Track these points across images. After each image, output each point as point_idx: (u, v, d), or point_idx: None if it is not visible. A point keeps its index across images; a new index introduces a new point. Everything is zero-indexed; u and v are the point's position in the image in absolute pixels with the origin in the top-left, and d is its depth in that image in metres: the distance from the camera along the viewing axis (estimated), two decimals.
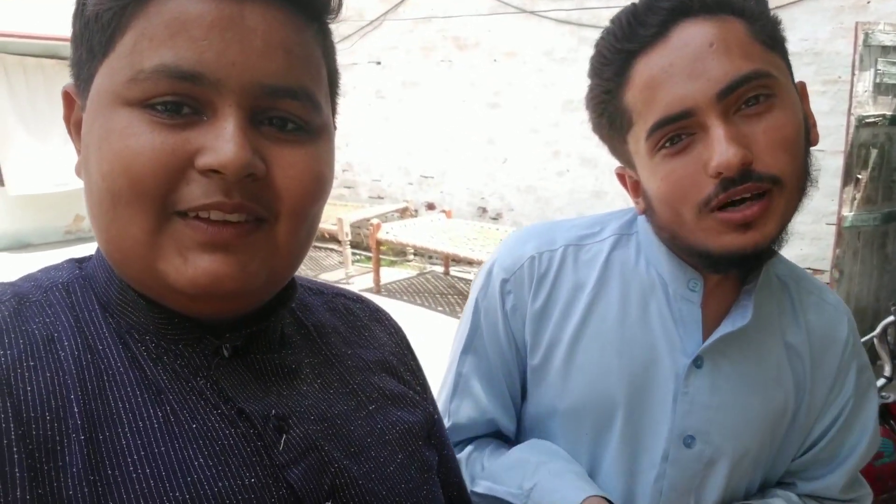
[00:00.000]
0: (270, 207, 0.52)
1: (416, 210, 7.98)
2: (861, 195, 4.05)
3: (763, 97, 0.76)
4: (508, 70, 7.10)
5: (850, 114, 3.85)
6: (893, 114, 4.20)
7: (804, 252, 5.32)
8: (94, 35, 0.51)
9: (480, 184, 7.55)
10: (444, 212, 7.56)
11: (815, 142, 0.84)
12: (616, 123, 0.85)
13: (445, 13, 7.29)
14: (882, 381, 2.14)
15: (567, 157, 6.80)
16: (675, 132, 0.78)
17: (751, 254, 0.79)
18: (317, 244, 8.26)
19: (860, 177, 3.95)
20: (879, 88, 4.02)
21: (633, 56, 0.80)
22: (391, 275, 7.15)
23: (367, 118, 7.92)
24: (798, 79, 0.85)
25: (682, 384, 0.89)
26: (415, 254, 7.77)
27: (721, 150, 0.74)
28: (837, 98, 5.19)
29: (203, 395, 0.54)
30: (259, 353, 0.59)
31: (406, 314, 5.79)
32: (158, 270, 0.50)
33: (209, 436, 0.52)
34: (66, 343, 0.52)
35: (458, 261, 6.88)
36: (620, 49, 0.81)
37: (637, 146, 0.83)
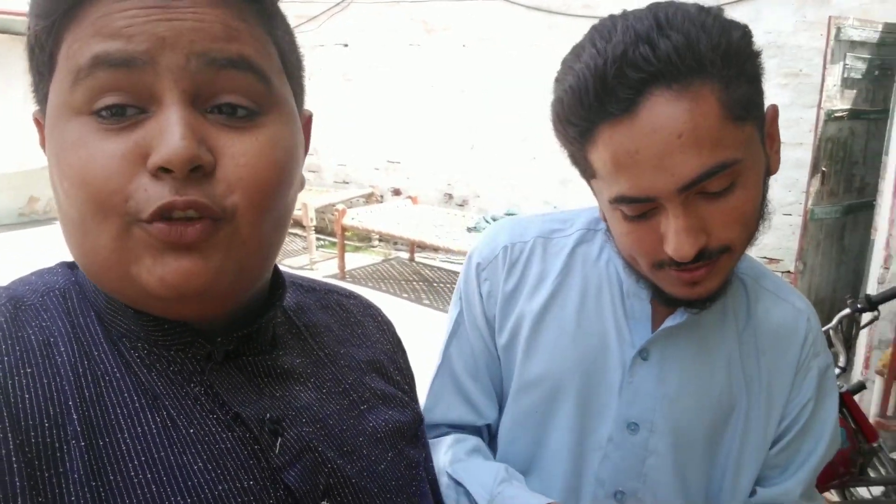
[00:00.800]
0: (223, 204, 0.50)
1: (382, 196, 7.91)
2: (825, 188, 4.13)
3: (726, 183, 0.77)
4: (478, 55, 7.05)
5: (820, 108, 3.91)
6: (857, 108, 4.29)
7: (760, 241, 5.39)
8: (39, 56, 0.52)
9: (447, 170, 7.52)
10: (411, 198, 7.51)
11: (775, 170, 0.86)
12: (580, 166, 0.87)
13: None
14: (836, 371, 2.19)
15: (535, 144, 6.79)
16: (636, 210, 0.80)
17: (696, 302, 0.87)
18: None
19: (825, 170, 4.02)
20: (846, 83, 4.09)
21: (598, 124, 0.77)
22: (356, 261, 7.09)
23: (334, 101, 7.79)
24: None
25: (628, 374, 0.95)
26: (380, 240, 7.72)
27: (678, 243, 0.76)
28: (798, 91, 5.28)
29: (198, 401, 0.54)
30: (251, 356, 0.59)
31: (372, 301, 5.74)
32: (132, 275, 0.50)
33: (206, 440, 0.52)
34: (63, 349, 0.52)
35: (424, 247, 6.86)
36: (586, 117, 0.78)
37: (601, 195, 0.86)
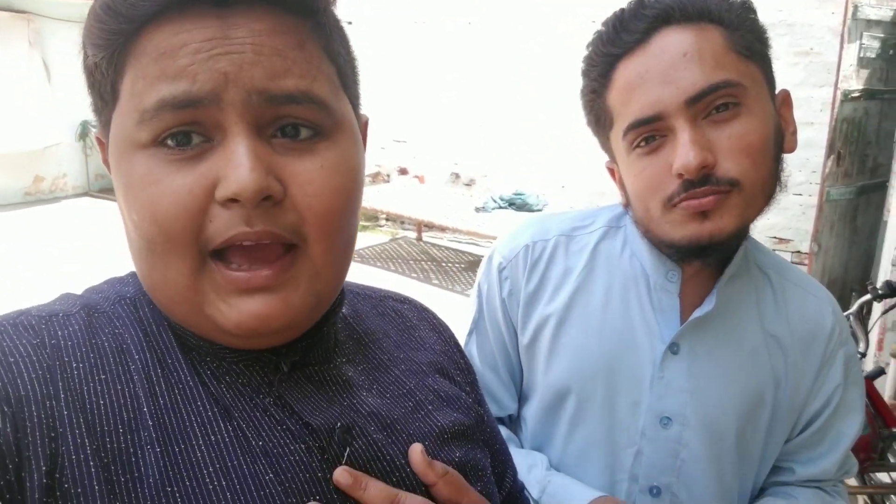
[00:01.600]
0: (297, 231, 0.51)
1: (389, 175, 7.88)
2: (840, 169, 4.08)
3: (731, 105, 0.82)
4: (484, 33, 6.97)
5: (837, 88, 3.85)
6: (872, 88, 4.22)
7: (770, 221, 5.37)
8: (100, 84, 0.52)
9: (454, 149, 7.47)
10: (417, 177, 7.48)
11: (792, 149, 0.90)
12: (601, 121, 0.93)
13: None
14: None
15: (544, 124, 6.74)
16: (648, 133, 0.85)
17: (707, 243, 0.85)
18: None
19: (840, 151, 3.97)
20: (862, 63, 4.02)
21: (617, 60, 0.87)
22: (364, 240, 7.08)
23: None
24: (772, 50, 0.90)
25: (658, 369, 0.96)
26: (387, 219, 7.70)
27: (683, 154, 0.80)
28: (809, 70, 5.21)
29: (268, 412, 0.54)
30: (317, 365, 0.60)
31: (379, 281, 5.75)
32: (206, 314, 0.51)
33: (275, 452, 0.53)
34: (137, 356, 0.53)
35: (432, 227, 6.84)
36: (605, 53, 0.88)
37: (617, 144, 0.91)
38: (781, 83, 0.92)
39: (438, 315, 0.79)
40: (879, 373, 2.32)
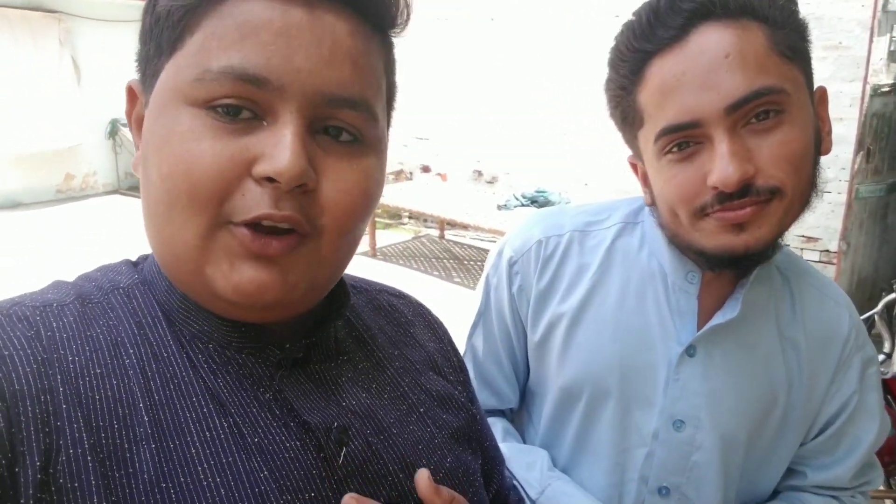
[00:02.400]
0: (316, 222, 0.52)
1: (411, 173, 7.90)
2: (870, 166, 4.01)
3: (773, 113, 0.77)
4: (507, 29, 6.95)
5: (866, 82, 3.79)
6: None
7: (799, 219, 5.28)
8: (164, 31, 0.51)
9: (477, 147, 7.46)
10: (440, 175, 7.48)
11: (828, 151, 0.86)
12: (629, 119, 0.87)
13: None
14: (882, 357, 2.14)
15: (566, 121, 6.71)
16: (683, 139, 0.80)
17: (742, 255, 0.81)
18: None
19: (870, 147, 3.90)
20: (892, 56, 3.95)
21: (650, 56, 0.80)
22: (386, 238, 7.11)
23: None
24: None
25: (674, 371, 0.94)
26: (410, 217, 7.72)
27: (722, 167, 0.76)
28: (838, 64, 5.11)
29: (266, 407, 0.55)
30: (318, 363, 0.60)
31: (402, 279, 5.76)
32: (206, 275, 0.51)
33: (271, 449, 0.53)
34: (131, 350, 0.53)
35: (454, 225, 6.85)
36: (638, 48, 0.81)
37: (647, 145, 0.85)
38: (819, 85, 0.88)
39: (442, 312, 0.79)
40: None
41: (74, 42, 8.39)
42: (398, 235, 7.35)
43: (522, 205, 6.48)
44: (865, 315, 2.22)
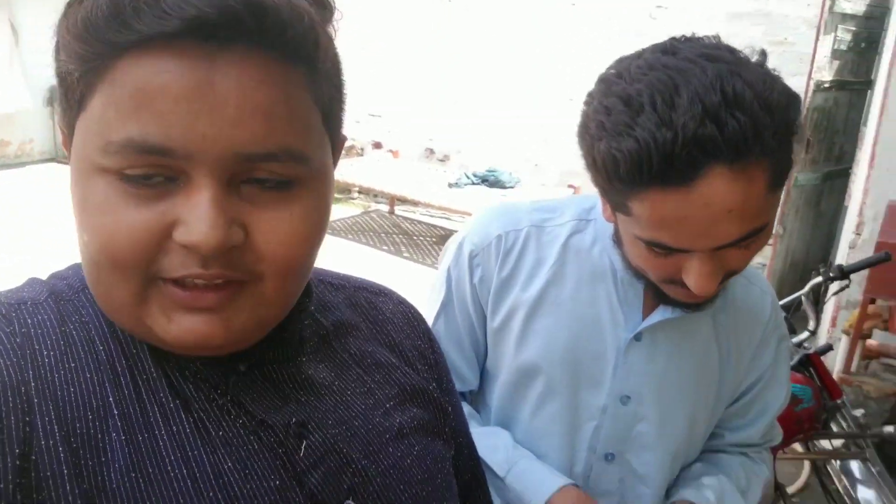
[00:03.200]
0: (252, 270, 0.51)
1: (363, 149, 7.85)
2: (808, 157, 4.18)
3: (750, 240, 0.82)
4: (461, 7, 6.94)
5: (810, 78, 3.94)
6: (843, 79, 4.31)
7: None
8: (69, 91, 0.50)
9: (429, 125, 7.46)
10: (391, 151, 7.46)
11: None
12: (612, 201, 0.87)
13: None
14: (806, 334, 2.29)
15: (518, 101, 6.76)
16: (668, 253, 0.85)
17: (693, 306, 0.95)
18: None
19: (810, 139, 4.07)
20: (835, 54, 4.11)
21: (650, 186, 0.77)
22: (336, 213, 7.05)
23: None
24: (746, 40, 0.88)
25: (623, 355, 1.04)
26: (360, 192, 7.68)
27: (702, 285, 0.83)
28: (783, 59, 5.29)
29: (224, 408, 0.56)
30: (276, 363, 0.60)
31: (351, 253, 5.76)
32: (147, 325, 0.51)
33: (234, 443, 0.55)
34: (101, 347, 0.54)
35: (404, 201, 6.84)
36: (641, 182, 0.77)
37: (626, 227, 0.88)
38: None
39: (390, 286, 0.80)
40: (828, 349, 2.44)
41: (13, 7, 7.98)
42: (348, 210, 7.31)
43: (473, 183, 6.52)
44: (795, 295, 2.35)
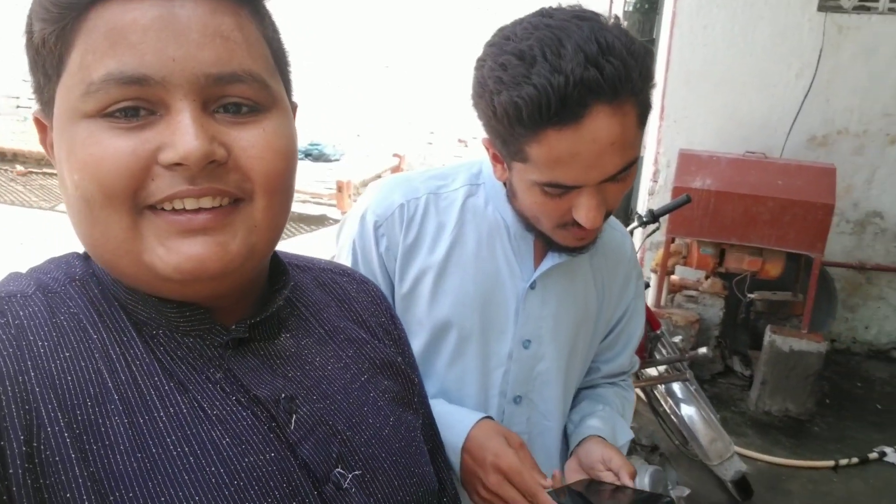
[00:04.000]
0: (242, 187, 0.55)
1: None
2: None
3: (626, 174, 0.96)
4: None
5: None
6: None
7: None
8: (46, 59, 0.54)
9: None
10: None
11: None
12: (510, 149, 0.96)
13: None
14: None
15: (339, 72, 6.66)
16: (562, 193, 0.95)
17: (582, 249, 1.06)
18: None
19: None
20: (624, 16, 4.48)
21: (546, 127, 0.88)
22: None
23: None
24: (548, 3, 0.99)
25: (522, 302, 1.14)
26: None
27: (591, 217, 0.94)
28: None
29: (218, 385, 0.58)
30: (261, 341, 0.64)
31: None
32: (145, 262, 0.53)
33: (230, 419, 0.57)
34: (94, 335, 0.56)
35: None
36: (540, 122, 0.87)
37: (523, 173, 0.97)
38: None
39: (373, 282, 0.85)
40: (646, 286, 2.73)
41: None
42: None
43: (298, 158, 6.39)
44: None
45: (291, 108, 0.63)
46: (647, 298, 3.92)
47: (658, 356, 2.64)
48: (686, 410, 2.56)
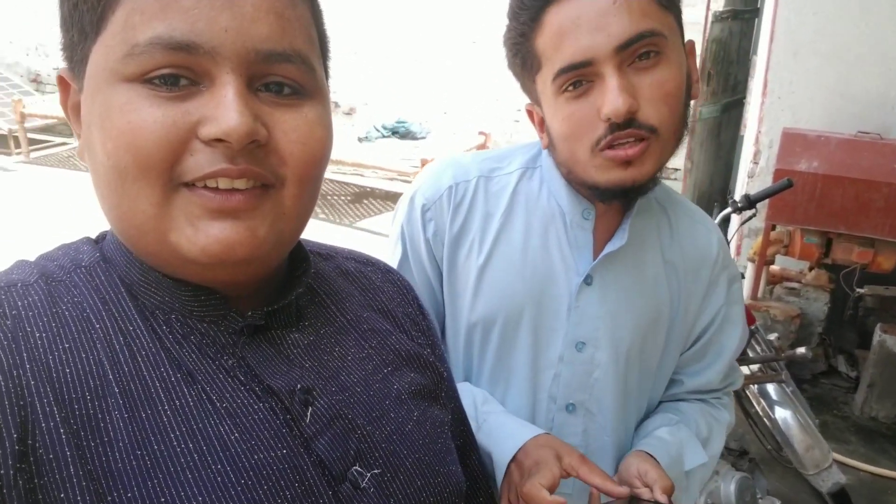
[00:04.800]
0: (276, 172, 0.53)
1: None
2: (709, 89, 4.30)
3: (653, 54, 0.87)
4: None
5: (709, 9, 4.01)
6: (738, 8, 4.43)
7: None
8: (84, 16, 0.51)
9: (333, 78, 7.21)
10: None
11: (696, 96, 0.98)
12: (527, 64, 0.94)
13: None
14: None
15: (422, 49, 6.63)
16: (577, 78, 0.88)
17: (629, 187, 0.92)
18: None
19: (711, 72, 4.17)
20: None
21: (547, 4, 0.88)
22: None
23: None
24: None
25: (575, 299, 1.04)
26: None
27: (612, 99, 0.85)
28: None
29: (231, 374, 0.56)
30: (279, 329, 0.61)
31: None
32: (171, 242, 0.51)
33: (240, 412, 0.54)
34: (98, 325, 0.54)
35: None
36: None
37: (544, 87, 0.93)
38: (688, 39, 0.96)
39: (398, 271, 0.81)
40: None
41: None
42: None
43: (383, 136, 6.40)
44: None
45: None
46: (744, 290, 3.70)
47: (752, 354, 2.45)
48: (780, 414, 2.36)
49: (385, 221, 5.54)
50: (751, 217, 2.41)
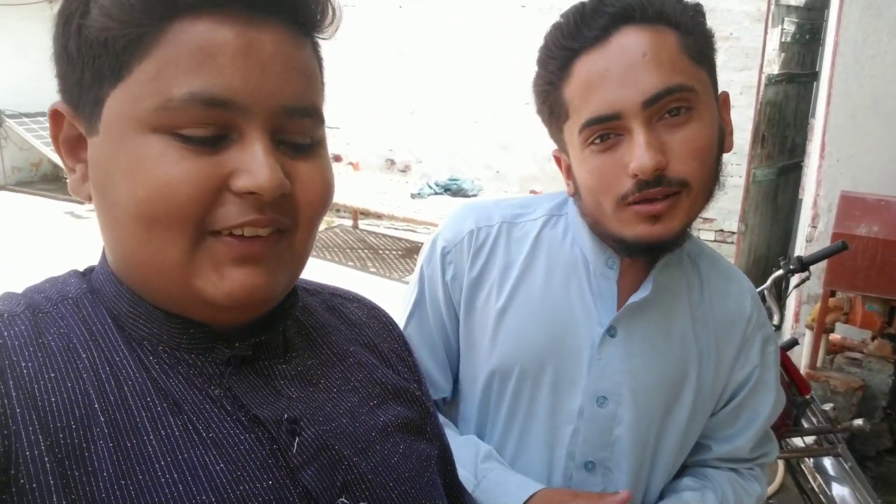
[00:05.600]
0: (294, 218, 0.56)
1: None
2: (764, 151, 4.24)
3: (684, 109, 0.85)
4: (415, 17, 6.92)
5: (762, 72, 4.00)
6: (791, 72, 4.39)
7: None
8: (103, 60, 0.52)
9: (388, 135, 7.41)
10: (352, 164, 7.39)
11: (730, 149, 0.95)
12: (556, 113, 0.93)
13: None
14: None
15: (476, 109, 6.76)
16: (605, 131, 0.87)
17: (656, 243, 0.90)
18: None
19: (765, 134, 4.13)
20: (782, 47, 4.19)
21: (576, 55, 0.87)
22: None
23: None
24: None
25: (597, 351, 1.00)
26: None
27: (640, 155, 0.83)
28: (729, 54, 5.40)
29: (217, 403, 0.56)
30: (266, 360, 0.62)
31: (317, 270, 5.67)
32: (195, 287, 0.53)
33: (226, 443, 0.55)
34: (84, 354, 0.54)
35: (368, 214, 6.79)
36: (565, 46, 0.88)
37: (571, 137, 0.92)
38: (723, 90, 0.95)
39: (384, 308, 0.81)
40: (793, 343, 2.44)
41: None
42: None
43: (436, 193, 6.50)
44: (757, 290, 2.35)
45: None
46: (800, 358, 3.55)
47: (806, 425, 2.33)
48: (838, 491, 2.22)
49: None
50: (804, 280, 2.34)
